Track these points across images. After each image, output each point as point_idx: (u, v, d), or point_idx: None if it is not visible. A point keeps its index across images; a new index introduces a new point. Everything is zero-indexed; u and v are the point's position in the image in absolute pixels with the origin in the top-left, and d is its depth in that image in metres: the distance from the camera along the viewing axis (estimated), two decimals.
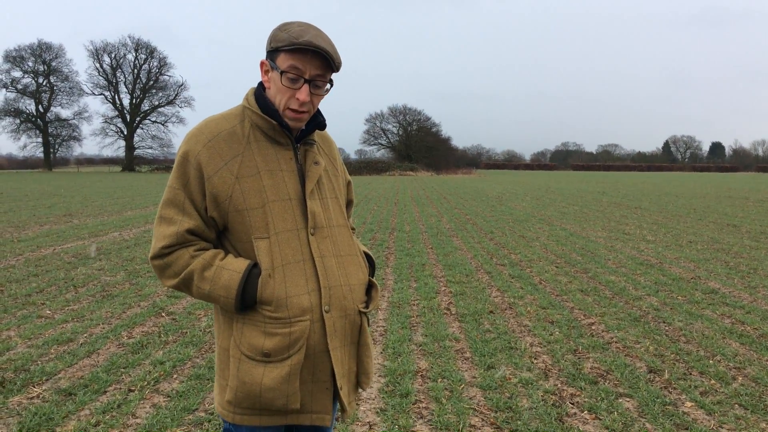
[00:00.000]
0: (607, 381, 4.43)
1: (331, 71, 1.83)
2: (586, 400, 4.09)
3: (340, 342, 1.86)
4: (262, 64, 1.85)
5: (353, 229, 2.28)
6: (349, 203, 2.19)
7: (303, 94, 1.79)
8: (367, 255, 2.08)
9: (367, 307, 1.95)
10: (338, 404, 1.94)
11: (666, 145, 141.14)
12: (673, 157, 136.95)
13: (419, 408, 3.95)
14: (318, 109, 1.95)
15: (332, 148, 2.09)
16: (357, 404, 4.00)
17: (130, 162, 74.69)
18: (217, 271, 1.78)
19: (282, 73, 1.78)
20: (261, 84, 1.90)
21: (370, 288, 2.00)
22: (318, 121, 1.93)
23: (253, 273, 1.77)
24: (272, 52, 1.80)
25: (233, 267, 1.78)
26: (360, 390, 2.03)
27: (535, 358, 4.90)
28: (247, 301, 1.77)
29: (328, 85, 1.86)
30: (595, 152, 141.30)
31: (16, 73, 72.31)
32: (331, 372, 1.86)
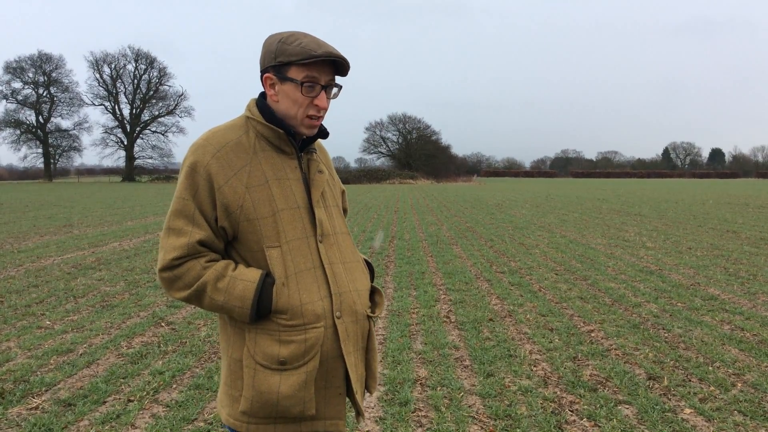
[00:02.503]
0: (607, 388, 4.43)
1: (337, 74, 1.88)
2: (586, 407, 4.09)
3: (353, 347, 1.88)
4: (267, 78, 1.84)
5: None
6: (344, 212, 2.21)
7: (322, 100, 1.83)
8: (366, 262, 2.10)
9: (373, 311, 1.98)
10: (354, 409, 1.97)
11: (666, 151, 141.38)
12: (673, 164, 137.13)
13: (418, 416, 3.95)
14: None
15: (327, 157, 2.12)
16: (354, 413, 4.00)
17: (131, 172, 74.82)
18: (231, 282, 1.78)
19: (302, 84, 1.81)
20: (261, 94, 1.91)
21: (373, 293, 2.03)
22: (320, 130, 1.96)
23: (267, 282, 1.78)
24: (280, 66, 1.81)
25: (247, 277, 1.78)
26: (367, 394, 2.05)
27: (534, 366, 4.90)
28: (262, 310, 1.78)
29: (336, 89, 1.91)
30: (594, 159, 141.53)
31: (17, 84, 72.76)
32: (343, 377, 1.88)
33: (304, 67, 1.78)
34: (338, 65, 1.83)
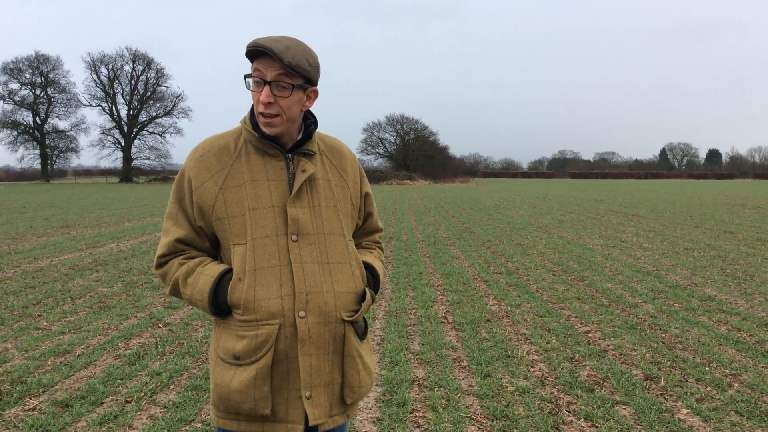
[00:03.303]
0: (604, 389, 4.44)
1: (296, 75, 1.82)
2: (583, 407, 4.10)
3: (317, 349, 1.83)
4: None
5: (378, 243, 2.24)
6: (368, 216, 2.16)
7: (264, 95, 1.82)
8: (370, 267, 2.05)
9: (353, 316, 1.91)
10: (346, 413, 1.95)
11: (663, 152, 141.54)
12: (670, 165, 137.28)
13: (416, 417, 3.96)
14: (314, 119, 1.97)
15: (342, 159, 2.06)
16: (348, 416, 3.99)
17: (128, 173, 74.69)
18: (196, 277, 1.88)
19: (246, 78, 1.86)
20: None
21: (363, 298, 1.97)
22: (308, 131, 1.95)
23: (225, 277, 1.85)
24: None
25: (209, 272, 1.87)
26: (347, 402, 1.98)
27: (531, 366, 4.91)
28: (220, 304, 1.84)
29: (289, 87, 1.82)
30: (592, 160, 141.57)
31: (14, 85, 72.43)
32: None
33: (252, 61, 1.84)
34: (285, 62, 1.78)
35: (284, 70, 1.81)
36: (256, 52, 1.81)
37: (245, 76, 1.87)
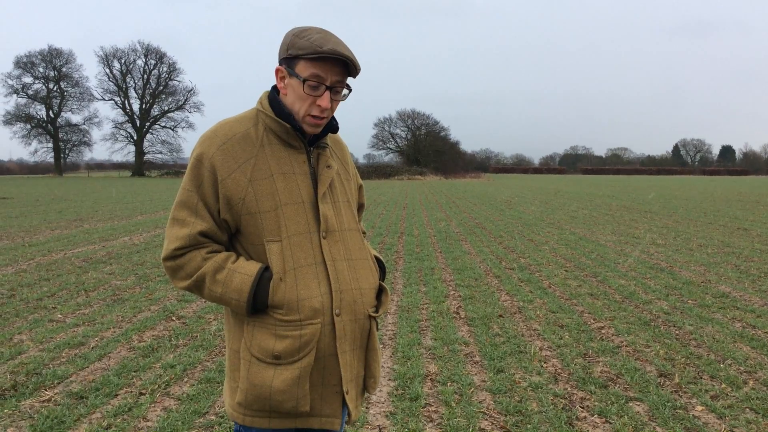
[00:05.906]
0: (618, 385, 4.42)
1: (348, 76, 1.84)
2: (596, 403, 4.08)
3: (349, 346, 1.86)
4: (277, 70, 1.85)
5: (364, 233, 2.29)
6: (360, 207, 2.19)
7: (325, 101, 1.80)
8: (378, 259, 2.07)
9: (377, 311, 1.95)
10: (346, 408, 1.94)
11: (676, 148, 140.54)
12: (683, 161, 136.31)
13: (429, 411, 3.96)
14: None
15: (344, 151, 2.09)
16: (365, 407, 4.01)
17: (140, 167, 75.12)
18: (229, 275, 1.79)
19: (304, 81, 1.78)
20: (274, 87, 1.90)
21: (380, 292, 2.00)
22: (331, 125, 1.93)
23: (264, 276, 1.78)
24: (290, 59, 1.80)
25: (245, 270, 1.78)
26: (366, 393, 2.02)
27: (544, 362, 4.90)
28: (258, 304, 1.78)
29: (346, 90, 1.86)
30: (604, 156, 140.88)
31: (27, 79, 73.16)
32: (340, 375, 1.86)
33: (311, 63, 1.76)
34: (348, 66, 1.80)
35: (343, 76, 1.81)
36: (323, 57, 1.75)
37: (304, 80, 1.77)
